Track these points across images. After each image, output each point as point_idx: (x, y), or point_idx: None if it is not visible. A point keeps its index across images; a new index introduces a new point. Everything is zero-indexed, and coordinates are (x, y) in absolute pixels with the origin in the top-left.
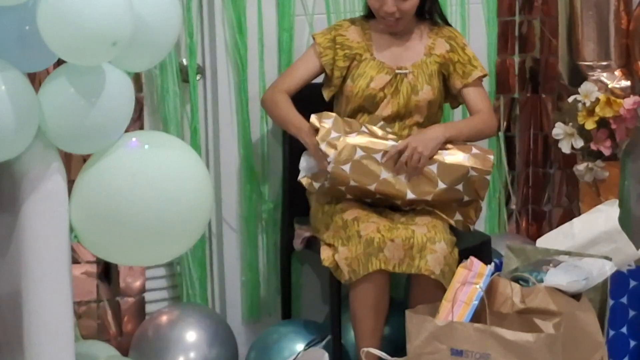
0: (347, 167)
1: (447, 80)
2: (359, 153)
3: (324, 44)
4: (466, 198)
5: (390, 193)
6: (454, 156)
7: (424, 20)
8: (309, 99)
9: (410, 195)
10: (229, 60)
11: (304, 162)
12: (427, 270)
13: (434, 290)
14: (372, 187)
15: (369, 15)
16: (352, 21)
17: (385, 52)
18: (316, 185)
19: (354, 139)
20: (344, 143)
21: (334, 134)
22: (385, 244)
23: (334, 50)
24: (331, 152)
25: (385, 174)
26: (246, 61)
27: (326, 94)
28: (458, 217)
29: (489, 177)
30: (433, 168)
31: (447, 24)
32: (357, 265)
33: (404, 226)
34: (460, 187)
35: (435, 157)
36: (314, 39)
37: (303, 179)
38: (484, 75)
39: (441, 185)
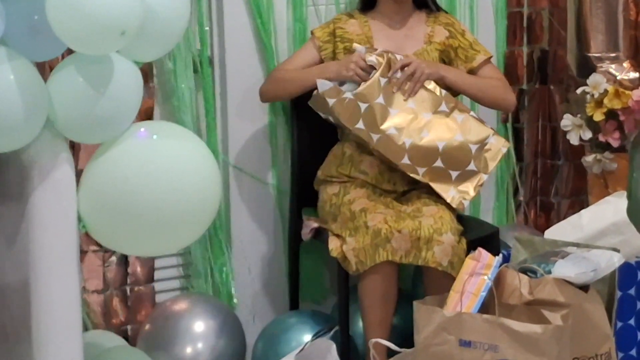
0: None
1: None
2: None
3: (323, 37)
4: (471, 166)
5: (390, 148)
6: (479, 120)
7: (421, 8)
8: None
9: (410, 153)
10: (243, 49)
11: (322, 86)
12: (435, 262)
13: (445, 281)
14: (375, 139)
15: (364, 7)
16: (350, 14)
17: (385, 42)
18: (330, 101)
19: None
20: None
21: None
22: (393, 234)
23: (333, 43)
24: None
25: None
26: (271, 48)
27: None
28: (453, 192)
29: (504, 150)
30: (458, 117)
31: (443, 10)
32: (364, 257)
33: (411, 217)
34: (472, 148)
35: (464, 110)
36: (312, 34)
37: (316, 95)
38: (489, 57)
39: (458, 137)
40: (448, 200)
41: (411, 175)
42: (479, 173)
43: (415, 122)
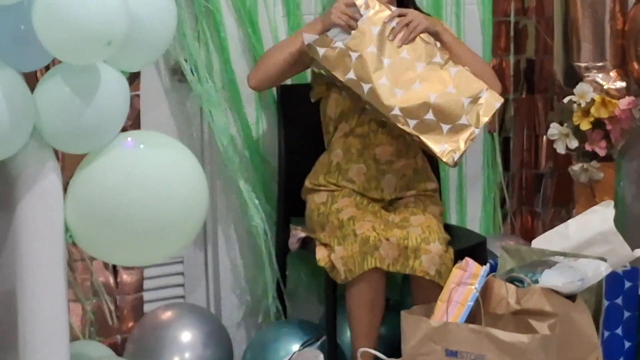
0: (368, 40)
1: None
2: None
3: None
4: (463, 120)
5: (381, 98)
6: (473, 75)
7: None
8: (299, 100)
9: (401, 104)
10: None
11: (308, 39)
12: (422, 271)
13: (433, 290)
14: (366, 89)
15: None
16: None
17: None
18: (321, 50)
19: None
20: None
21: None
22: (381, 242)
23: None
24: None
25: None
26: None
27: (313, 96)
28: (444, 146)
29: (497, 105)
30: (452, 70)
31: (423, 12)
32: (353, 264)
33: (399, 227)
34: (465, 102)
35: (457, 63)
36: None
37: (308, 45)
38: None
39: (450, 89)
40: (438, 153)
41: (401, 127)
42: (470, 127)
43: (408, 73)
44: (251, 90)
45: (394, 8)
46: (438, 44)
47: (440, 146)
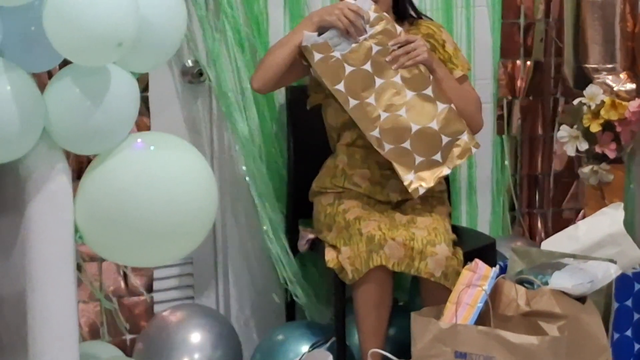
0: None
1: None
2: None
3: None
4: (437, 157)
5: (364, 117)
6: (458, 115)
7: (403, 19)
8: (315, 108)
9: (382, 127)
10: (237, 62)
11: (308, 39)
12: (427, 273)
13: (441, 292)
14: (352, 104)
15: None
16: None
17: None
18: (317, 56)
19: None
20: (383, 26)
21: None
22: (386, 241)
23: None
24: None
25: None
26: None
27: (308, 104)
28: (412, 177)
29: (474, 151)
30: (440, 106)
31: (426, 17)
32: (359, 264)
33: (405, 228)
34: (444, 140)
35: (447, 101)
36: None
37: (305, 46)
38: (464, 75)
39: (433, 125)
40: (405, 184)
41: (376, 148)
42: (442, 165)
43: (397, 98)
44: (258, 93)
45: (399, 29)
46: (431, 77)
47: (408, 176)
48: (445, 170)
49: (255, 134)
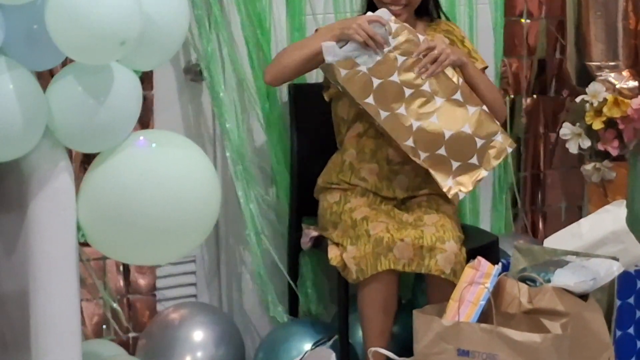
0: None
1: None
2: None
3: None
4: (474, 160)
5: (396, 127)
6: (490, 116)
7: (422, 17)
8: (311, 99)
9: (415, 136)
10: (239, 59)
11: (330, 53)
12: (438, 270)
13: (447, 289)
14: (383, 116)
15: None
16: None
17: None
18: (343, 72)
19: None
20: (405, 37)
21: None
22: (395, 243)
23: None
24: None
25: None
26: (270, 57)
27: (327, 96)
28: (451, 183)
29: (509, 150)
30: (470, 109)
31: (447, 18)
32: (365, 265)
33: (413, 227)
34: (478, 142)
35: (477, 103)
36: (317, 30)
37: (330, 62)
38: (485, 67)
39: (466, 129)
40: (444, 190)
41: (412, 157)
42: (479, 168)
43: (427, 106)
44: (262, 90)
45: (421, 37)
46: (461, 80)
47: (447, 182)
48: (483, 173)
49: (249, 134)
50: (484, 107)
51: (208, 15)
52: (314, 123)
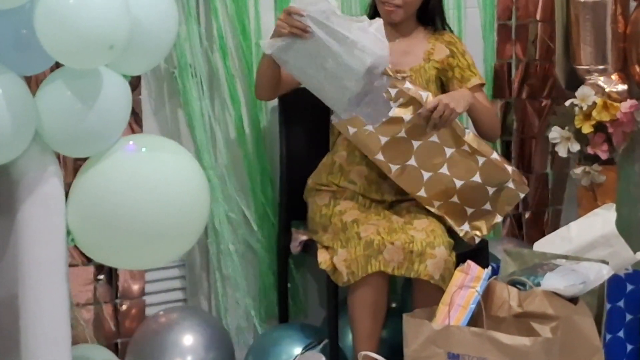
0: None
1: (445, 86)
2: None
3: None
4: (487, 207)
5: (408, 180)
6: (500, 159)
7: (425, 24)
8: (308, 107)
9: (427, 186)
10: (226, 64)
11: (268, 48)
12: (427, 275)
13: (435, 294)
14: (394, 169)
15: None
16: None
17: None
18: (351, 130)
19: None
20: (407, 98)
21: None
22: (385, 246)
23: None
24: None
25: (416, 144)
26: (252, 65)
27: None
28: (467, 227)
29: (522, 195)
30: (480, 160)
31: (449, 29)
32: (356, 267)
33: (403, 230)
34: (490, 190)
35: (486, 153)
36: None
37: (338, 122)
38: (482, 84)
39: (477, 178)
40: (461, 235)
41: (426, 206)
42: (494, 213)
43: (437, 157)
44: (252, 94)
45: (424, 94)
46: (467, 131)
47: (463, 227)
48: (498, 218)
49: (239, 139)
50: (494, 156)
51: (199, 24)
52: (303, 126)
